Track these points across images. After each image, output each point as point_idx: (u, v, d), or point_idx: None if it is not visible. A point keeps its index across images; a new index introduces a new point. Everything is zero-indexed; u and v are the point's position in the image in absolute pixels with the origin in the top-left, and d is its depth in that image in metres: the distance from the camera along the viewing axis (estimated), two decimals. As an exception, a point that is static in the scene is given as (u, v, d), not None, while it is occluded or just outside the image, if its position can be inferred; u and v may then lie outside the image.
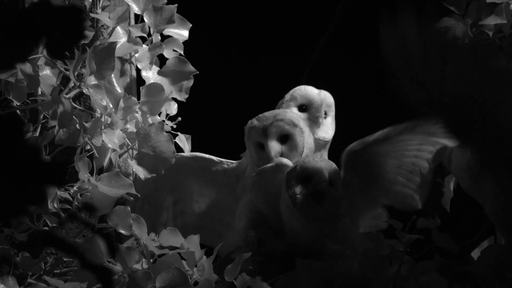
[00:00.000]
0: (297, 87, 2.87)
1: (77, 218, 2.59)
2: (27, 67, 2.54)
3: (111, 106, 2.59)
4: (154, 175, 2.66)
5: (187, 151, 2.83)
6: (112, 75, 2.60)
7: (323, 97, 2.85)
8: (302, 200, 2.51)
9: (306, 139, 2.72)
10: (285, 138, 2.71)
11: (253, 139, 2.73)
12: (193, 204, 2.87)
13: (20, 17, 1.31)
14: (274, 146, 2.70)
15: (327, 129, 2.86)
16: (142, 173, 2.64)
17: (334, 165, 2.55)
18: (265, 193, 2.68)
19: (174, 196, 2.86)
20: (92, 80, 2.57)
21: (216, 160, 2.83)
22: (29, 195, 1.27)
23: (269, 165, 2.68)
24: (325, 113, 2.86)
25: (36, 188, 1.26)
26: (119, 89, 2.63)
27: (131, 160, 2.66)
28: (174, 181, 2.84)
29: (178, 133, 2.80)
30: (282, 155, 2.71)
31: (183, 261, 2.43)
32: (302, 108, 2.85)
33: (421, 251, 2.44)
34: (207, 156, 2.84)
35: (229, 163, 2.83)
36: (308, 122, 2.82)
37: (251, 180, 2.70)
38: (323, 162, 2.55)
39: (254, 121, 2.73)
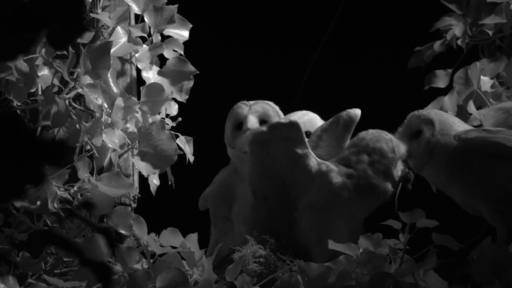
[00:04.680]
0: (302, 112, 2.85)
1: (77, 216, 2.59)
2: (23, 66, 2.53)
3: (106, 105, 2.59)
4: (157, 171, 2.65)
5: (188, 153, 2.78)
6: (109, 74, 2.60)
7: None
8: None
9: None
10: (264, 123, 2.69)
11: (234, 118, 2.73)
12: None
13: (20, 9, 1.30)
14: (253, 120, 2.69)
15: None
16: (144, 170, 2.63)
17: None
18: (265, 161, 2.61)
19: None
20: (87, 79, 2.56)
21: None
22: (27, 175, 1.26)
23: (282, 120, 2.65)
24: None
25: (34, 167, 1.25)
26: (115, 89, 2.62)
27: (133, 157, 2.65)
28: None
29: (179, 134, 2.78)
30: None
31: (183, 261, 2.43)
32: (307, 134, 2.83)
33: (421, 251, 2.43)
34: None
35: None
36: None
37: (254, 137, 2.61)
38: None
39: (240, 102, 2.75)
